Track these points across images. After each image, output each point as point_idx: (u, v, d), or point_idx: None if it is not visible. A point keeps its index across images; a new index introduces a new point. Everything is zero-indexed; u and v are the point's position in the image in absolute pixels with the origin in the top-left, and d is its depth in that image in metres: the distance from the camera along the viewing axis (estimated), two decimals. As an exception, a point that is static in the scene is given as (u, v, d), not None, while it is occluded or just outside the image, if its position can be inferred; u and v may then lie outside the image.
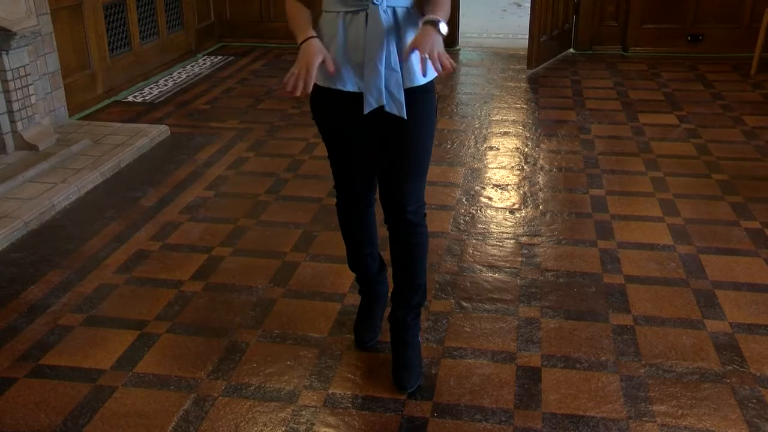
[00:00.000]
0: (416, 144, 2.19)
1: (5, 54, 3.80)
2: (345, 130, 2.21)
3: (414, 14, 2.11)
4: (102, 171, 3.92)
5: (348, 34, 2.08)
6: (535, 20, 5.87)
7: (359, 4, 2.04)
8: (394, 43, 2.07)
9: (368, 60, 2.05)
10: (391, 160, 2.21)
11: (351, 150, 2.26)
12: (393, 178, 2.22)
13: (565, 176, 3.96)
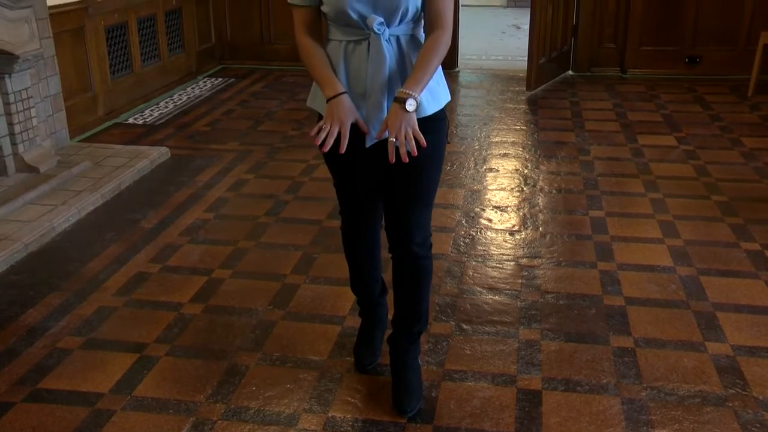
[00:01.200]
0: (424, 176, 2.15)
1: (8, 77, 3.82)
2: (350, 160, 2.15)
3: (419, 41, 2.07)
4: (102, 193, 3.92)
5: (350, 64, 2.05)
6: (534, 42, 5.91)
7: (361, 34, 2.01)
8: (397, 73, 2.03)
9: (370, 91, 2.02)
10: (398, 191, 2.17)
11: (356, 179, 2.23)
12: (399, 209, 2.19)
13: (564, 198, 3.96)
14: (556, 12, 6.13)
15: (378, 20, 1.96)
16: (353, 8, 1.96)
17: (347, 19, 1.99)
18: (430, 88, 2.07)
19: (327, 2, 2.01)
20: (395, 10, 1.97)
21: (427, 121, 2.07)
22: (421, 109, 2.04)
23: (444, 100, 2.14)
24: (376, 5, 1.97)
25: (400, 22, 2.01)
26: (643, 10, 6.32)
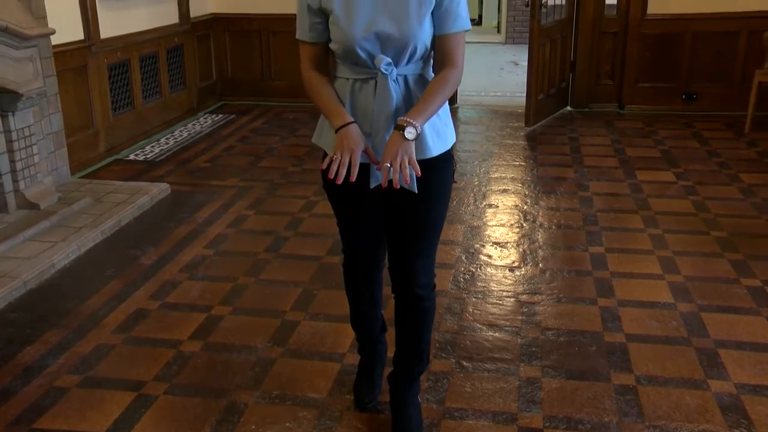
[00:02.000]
0: (429, 218, 2.13)
1: (11, 115, 3.86)
2: (354, 200, 2.14)
3: (427, 81, 2.06)
4: (102, 229, 3.93)
5: (356, 103, 2.04)
6: (533, 79, 5.97)
7: (369, 72, 2.00)
8: (404, 113, 1.98)
9: (375, 132, 2.00)
10: (403, 233, 2.16)
11: (360, 220, 2.21)
12: (404, 251, 2.18)
13: (564, 234, 3.97)
14: (553, 49, 6.21)
15: (386, 60, 1.96)
16: (362, 47, 1.96)
17: (355, 57, 1.99)
18: (437, 129, 2.05)
19: (335, 40, 2.01)
20: (403, 49, 1.97)
21: (435, 161, 2.06)
22: (426, 150, 2.03)
23: (451, 141, 2.13)
24: (384, 44, 1.96)
25: (408, 62, 2.00)
26: (639, 48, 6.40)
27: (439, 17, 2.00)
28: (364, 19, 1.95)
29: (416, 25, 1.95)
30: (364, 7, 1.95)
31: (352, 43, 1.96)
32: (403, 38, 1.95)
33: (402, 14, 1.95)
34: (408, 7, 1.95)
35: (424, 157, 2.01)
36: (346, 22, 1.96)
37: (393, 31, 1.95)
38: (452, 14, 2.00)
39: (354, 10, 1.95)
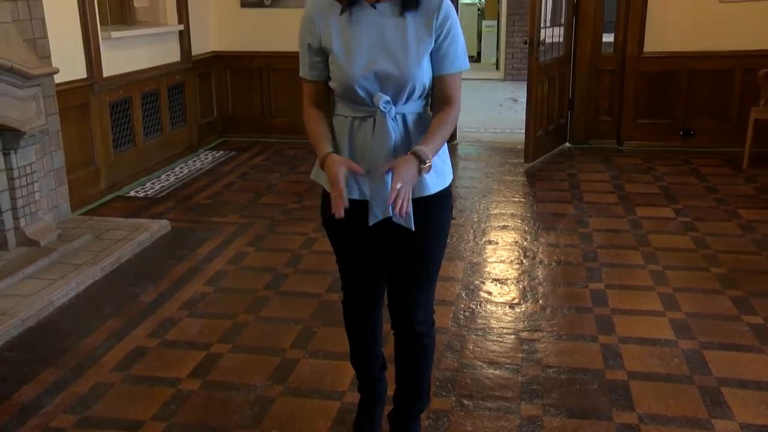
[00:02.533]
0: (428, 254, 2.14)
1: (13, 153, 3.88)
2: (353, 237, 2.15)
3: (428, 120, 2.08)
4: (102, 266, 3.92)
5: (355, 140, 2.05)
6: (532, 115, 6.02)
7: (367, 111, 2.02)
8: (402, 152, 2.00)
9: (374, 169, 2.00)
10: (402, 270, 2.17)
11: (359, 257, 2.21)
12: (403, 288, 2.18)
13: (564, 270, 3.96)
14: (552, 86, 6.27)
15: (384, 98, 1.97)
16: (361, 85, 1.98)
17: (354, 95, 2.01)
18: (435, 167, 2.06)
19: (335, 78, 2.03)
20: (403, 88, 1.99)
21: (433, 198, 2.08)
22: (425, 187, 2.05)
23: (449, 179, 2.15)
24: (383, 83, 1.98)
25: (407, 101, 2.02)
26: (637, 85, 6.47)
27: (438, 59, 2.03)
28: (363, 58, 1.97)
29: (415, 64, 1.98)
30: (363, 46, 1.98)
31: (351, 81, 1.98)
32: (402, 77, 1.97)
33: (401, 54, 1.97)
34: (407, 47, 1.98)
35: (422, 195, 2.03)
36: (346, 61, 1.98)
37: (392, 70, 1.97)
38: (450, 56, 2.04)
39: (353, 49, 1.98)
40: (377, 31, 1.98)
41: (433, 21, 1.99)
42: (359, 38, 1.98)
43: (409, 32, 1.98)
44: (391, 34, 1.98)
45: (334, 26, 2.00)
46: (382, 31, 1.98)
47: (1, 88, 3.68)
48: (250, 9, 6.83)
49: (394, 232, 2.06)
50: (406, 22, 1.98)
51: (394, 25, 1.98)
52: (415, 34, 1.99)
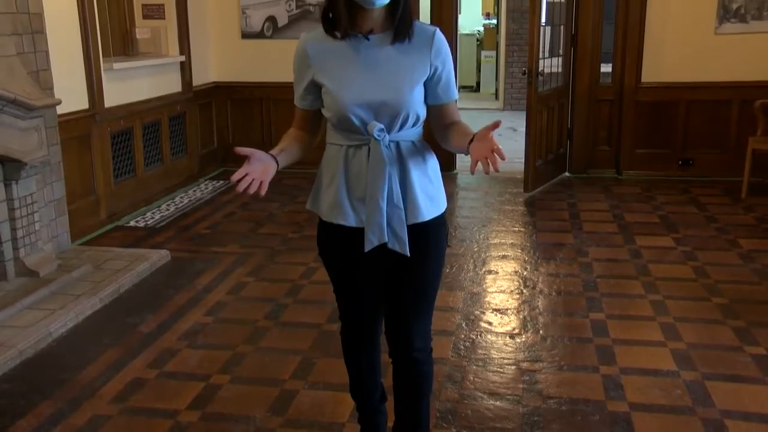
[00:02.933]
0: (423, 282, 2.16)
1: (14, 183, 3.89)
2: (349, 265, 2.17)
3: (421, 148, 2.11)
4: (101, 297, 3.91)
5: (350, 169, 2.08)
6: (531, 145, 6.05)
7: (361, 139, 2.05)
8: (397, 179, 2.04)
9: (370, 196, 2.03)
10: (398, 297, 2.17)
11: (356, 285, 2.22)
12: (400, 314, 2.19)
13: (564, 300, 3.95)
14: (551, 116, 6.31)
15: (378, 126, 2.00)
16: (355, 114, 2.01)
17: (349, 124, 2.03)
18: (429, 194, 2.10)
19: (328, 107, 2.06)
20: (397, 115, 2.02)
21: (428, 225, 2.10)
22: (419, 214, 2.08)
23: (443, 206, 2.17)
24: (377, 111, 2.01)
25: (401, 128, 2.05)
26: (635, 115, 6.51)
27: (438, 89, 2.09)
28: (357, 88, 2.01)
29: (409, 92, 2.02)
30: (357, 76, 2.01)
31: (346, 110, 2.01)
32: (396, 105, 2.01)
33: (395, 82, 2.01)
34: (401, 76, 2.02)
35: (416, 221, 2.07)
36: (340, 91, 2.01)
37: (386, 98, 2.00)
38: (448, 85, 2.11)
39: (347, 80, 2.02)
40: (371, 62, 2.02)
41: (428, 52, 2.04)
42: (354, 69, 2.02)
43: (402, 62, 2.02)
44: (385, 64, 2.02)
45: (328, 59, 2.04)
46: (376, 61, 2.02)
47: (5, 120, 3.70)
48: (250, 40, 6.90)
49: (390, 259, 2.09)
50: (400, 52, 2.03)
51: (388, 55, 2.02)
52: (409, 64, 2.03)
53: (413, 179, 2.06)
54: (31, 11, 4.14)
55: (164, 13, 6.15)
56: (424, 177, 2.11)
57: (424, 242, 2.10)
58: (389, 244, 2.04)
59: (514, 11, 10.71)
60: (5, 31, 3.87)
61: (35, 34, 4.17)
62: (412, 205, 2.05)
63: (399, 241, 2.05)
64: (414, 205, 2.06)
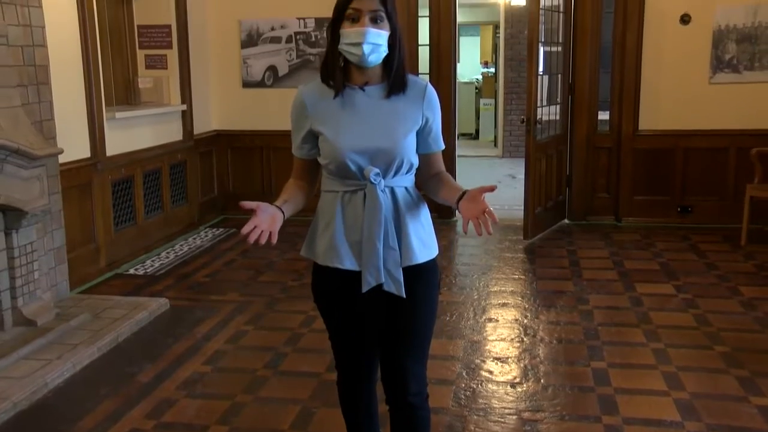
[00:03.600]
0: (418, 324, 2.19)
1: (15, 232, 3.90)
2: (345, 309, 2.21)
3: (414, 195, 2.18)
4: (99, 346, 3.88)
5: (346, 213, 2.14)
6: (530, 192, 6.07)
7: (358, 184, 2.11)
8: (392, 222, 2.12)
9: (366, 238, 2.09)
10: (393, 340, 2.20)
11: (351, 329, 2.25)
12: (395, 359, 2.21)
13: (565, 348, 3.92)
14: (549, 163, 6.35)
15: (374, 171, 2.08)
16: (352, 160, 2.08)
17: (345, 170, 2.10)
18: (422, 238, 2.17)
19: (325, 155, 2.13)
20: (392, 162, 2.09)
21: (420, 268, 2.16)
22: (413, 256, 2.14)
23: (435, 250, 2.23)
24: (373, 157, 2.08)
25: (395, 174, 2.12)
26: (633, 163, 6.56)
27: (427, 139, 2.19)
28: (353, 135, 2.09)
29: (403, 140, 2.11)
30: (354, 125, 2.10)
31: (343, 157, 2.08)
32: (391, 152, 2.09)
33: (390, 130, 2.10)
34: (396, 124, 2.11)
35: (410, 264, 2.13)
36: (337, 139, 2.09)
37: (382, 145, 2.08)
38: (437, 135, 2.22)
39: (344, 129, 2.10)
40: (367, 111, 2.11)
41: (421, 103, 2.15)
42: (350, 117, 2.11)
43: (397, 111, 2.12)
44: (380, 113, 2.11)
45: (325, 110, 2.13)
46: (371, 110, 2.11)
47: (7, 169, 3.73)
48: (251, 89, 6.99)
49: (384, 302, 2.14)
50: (394, 103, 2.13)
51: (382, 105, 2.12)
52: (402, 114, 2.13)
53: (407, 223, 2.13)
54: (38, 63, 4.21)
55: (167, 63, 6.25)
56: (417, 222, 2.18)
57: (417, 285, 2.15)
58: (385, 285, 2.11)
59: (512, 60, 10.87)
60: (11, 83, 3.93)
61: (40, 85, 4.23)
62: (406, 248, 2.13)
63: (395, 282, 2.11)
64: (408, 248, 2.13)
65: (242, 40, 6.93)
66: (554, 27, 6.54)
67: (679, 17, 6.30)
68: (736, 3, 6.18)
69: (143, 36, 6.23)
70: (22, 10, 4.09)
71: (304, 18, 6.77)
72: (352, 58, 2.07)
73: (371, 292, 2.12)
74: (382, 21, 2.07)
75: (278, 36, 6.86)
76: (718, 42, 6.26)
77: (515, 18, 10.73)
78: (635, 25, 6.36)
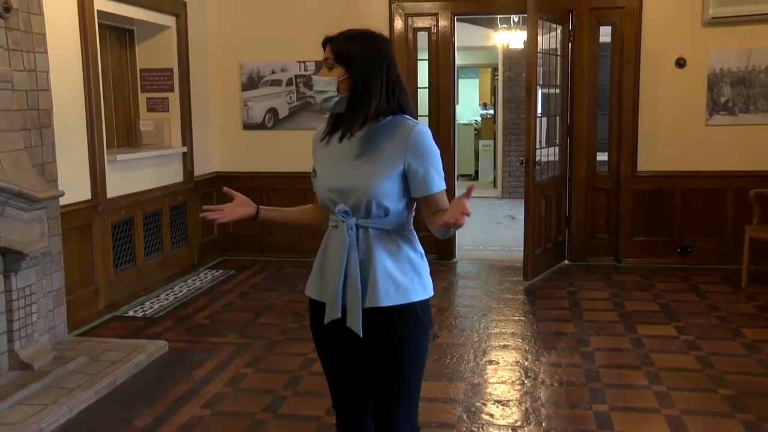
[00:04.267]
0: (395, 366, 2.20)
1: (14, 275, 3.88)
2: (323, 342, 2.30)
3: (398, 239, 2.18)
4: (96, 390, 3.84)
5: (328, 247, 2.24)
6: (530, 233, 6.08)
7: (337, 220, 2.20)
8: (356, 261, 2.14)
9: (330, 272, 2.18)
10: (377, 383, 2.24)
11: (333, 362, 2.32)
12: (380, 400, 2.25)
13: (566, 391, 3.89)
14: (549, 204, 6.37)
15: (342, 209, 2.16)
16: (328, 196, 2.21)
17: (327, 205, 2.23)
18: (395, 281, 2.15)
19: (315, 189, 2.31)
20: (359, 202, 2.14)
21: (391, 312, 2.15)
22: (377, 298, 2.12)
23: (413, 297, 2.18)
24: (344, 196, 2.17)
25: (367, 215, 2.15)
26: (632, 204, 6.58)
27: (414, 182, 2.18)
28: (331, 173, 2.21)
29: (375, 183, 2.13)
30: (334, 163, 2.22)
31: (322, 193, 2.23)
32: (360, 193, 2.14)
33: (364, 172, 2.15)
34: (371, 167, 2.15)
35: (374, 305, 2.13)
36: (321, 175, 2.26)
37: (352, 185, 2.15)
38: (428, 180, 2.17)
39: (326, 166, 2.25)
40: (345, 152, 2.20)
41: (404, 148, 2.15)
42: (334, 157, 2.23)
43: (376, 155, 2.15)
44: (361, 155, 2.17)
45: (319, 148, 2.30)
46: (353, 152, 2.18)
47: (8, 212, 3.73)
48: (251, 131, 7.05)
49: (364, 342, 2.17)
50: (377, 146, 2.16)
51: (363, 147, 2.18)
52: (382, 158, 2.15)
53: (376, 264, 2.14)
54: (41, 107, 4.25)
55: (168, 106, 6.31)
56: (394, 265, 2.16)
57: (387, 328, 2.17)
58: (347, 322, 2.15)
59: (511, 102, 10.97)
60: (15, 127, 3.96)
61: (43, 128, 4.27)
62: (372, 289, 2.13)
63: (352, 320, 2.14)
64: (374, 290, 2.13)
65: (243, 83, 7.01)
66: (552, 70, 6.63)
67: (674, 61, 6.39)
68: (729, 47, 6.28)
69: (145, 79, 6.31)
70: (28, 56, 4.14)
71: (304, 61, 6.86)
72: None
73: (346, 330, 2.16)
74: (333, 68, 2.16)
75: (279, 79, 6.95)
76: (713, 85, 6.34)
77: (513, 60, 10.87)
78: (632, 69, 6.44)
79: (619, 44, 6.48)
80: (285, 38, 6.83)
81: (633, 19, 6.40)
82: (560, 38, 6.60)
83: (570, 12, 6.49)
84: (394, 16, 6.67)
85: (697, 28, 6.31)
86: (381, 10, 6.65)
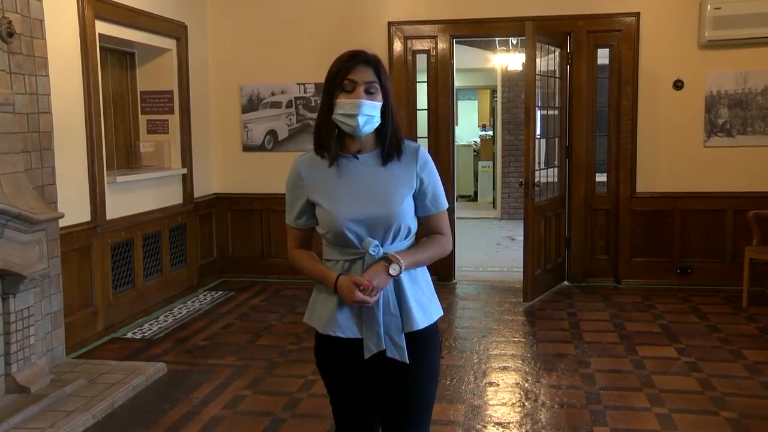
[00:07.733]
0: (420, 390, 2.18)
1: (12, 297, 3.87)
2: (347, 378, 2.20)
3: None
4: (94, 413, 3.82)
5: None
6: (529, 254, 6.07)
7: (356, 253, 2.12)
8: (391, 289, 2.12)
9: (367, 307, 2.09)
10: (394, 407, 2.19)
11: (353, 396, 2.23)
12: (397, 425, 2.20)
13: (567, 413, 3.86)
14: (548, 225, 6.37)
15: (374, 243, 2.09)
16: (350, 229, 2.10)
17: (344, 240, 2.11)
18: (422, 305, 2.17)
19: (323, 225, 2.15)
20: (389, 228, 2.10)
21: (421, 334, 2.15)
22: (413, 323, 2.13)
23: (435, 315, 2.22)
24: (370, 226, 2.10)
25: (393, 241, 2.13)
26: (632, 224, 6.58)
27: (424, 201, 2.19)
28: (350, 205, 2.11)
29: (398, 205, 2.12)
30: (350, 194, 2.12)
31: (341, 227, 2.10)
32: (388, 219, 2.10)
33: (385, 197, 2.12)
34: (390, 190, 2.13)
35: (411, 330, 2.13)
36: (334, 209, 2.11)
37: (378, 212, 2.10)
38: (433, 198, 2.20)
39: (340, 198, 2.12)
40: (361, 179, 2.13)
41: (414, 166, 2.17)
42: (345, 187, 2.13)
43: (391, 177, 2.14)
44: (375, 180, 2.13)
45: (320, 179, 2.15)
46: (365, 178, 2.14)
47: (7, 234, 3.73)
48: (251, 153, 7.07)
49: (387, 370, 2.13)
50: (389, 169, 2.15)
51: (376, 172, 2.14)
52: (397, 179, 2.15)
53: (406, 289, 2.13)
54: (42, 130, 4.27)
55: (168, 128, 6.34)
56: (417, 287, 2.18)
57: (419, 350, 2.15)
58: (388, 352, 2.10)
59: (510, 123, 11.01)
60: (16, 149, 3.97)
61: (44, 150, 4.28)
62: (406, 315, 2.13)
63: (398, 349, 2.10)
64: (408, 315, 2.13)
65: (243, 105, 7.04)
66: (551, 91, 6.66)
67: (672, 83, 6.42)
68: (726, 70, 6.32)
69: (145, 101, 6.34)
70: (30, 79, 4.17)
71: (304, 83, 6.89)
72: (346, 128, 2.11)
73: (373, 360, 2.12)
74: (376, 91, 2.11)
75: (278, 101, 6.98)
76: (710, 107, 6.37)
77: (512, 82, 10.92)
78: (630, 90, 6.48)
79: (617, 66, 6.51)
80: (285, 60, 6.88)
81: (630, 41, 6.44)
82: (558, 60, 6.64)
83: (568, 35, 6.53)
84: (394, 39, 6.72)
85: (694, 50, 6.35)
86: (380, 32, 6.70)
